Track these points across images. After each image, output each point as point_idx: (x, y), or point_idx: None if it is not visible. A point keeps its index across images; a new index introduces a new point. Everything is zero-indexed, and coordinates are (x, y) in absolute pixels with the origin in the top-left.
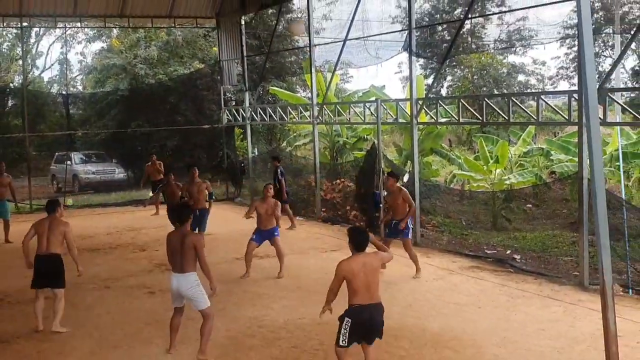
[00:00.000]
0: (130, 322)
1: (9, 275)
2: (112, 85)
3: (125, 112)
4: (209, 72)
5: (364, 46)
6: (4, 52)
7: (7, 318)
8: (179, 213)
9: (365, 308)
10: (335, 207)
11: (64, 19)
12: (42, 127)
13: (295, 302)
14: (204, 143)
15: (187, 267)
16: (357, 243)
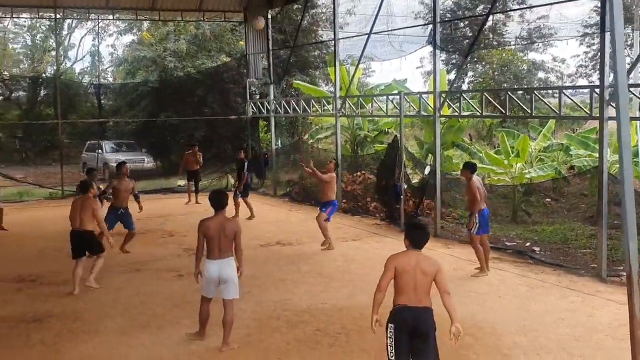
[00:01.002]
0: (158, 303)
1: (42, 258)
2: (142, 77)
3: (155, 103)
4: (235, 65)
5: (387, 40)
6: (37, 43)
7: (41, 298)
8: (220, 199)
9: (410, 310)
10: (356, 198)
11: (96, 11)
12: (74, 117)
13: (318, 288)
14: (230, 134)
15: (228, 253)
16: (415, 239)
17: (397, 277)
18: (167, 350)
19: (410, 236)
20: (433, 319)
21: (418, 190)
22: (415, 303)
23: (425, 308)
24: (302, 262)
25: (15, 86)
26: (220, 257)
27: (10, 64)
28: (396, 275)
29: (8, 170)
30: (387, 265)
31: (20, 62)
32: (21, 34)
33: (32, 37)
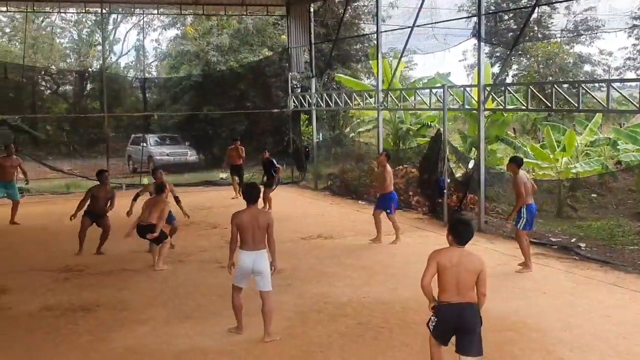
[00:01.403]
0: (202, 294)
1: (88, 248)
2: (185, 71)
3: (198, 97)
4: (277, 59)
5: (431, 33)
6: (83, 38)
7: (88, 288)
8: (252, 191)
9: (453, 307)
10: (398, 192)
11: (141, 5)
12: (119, 110)
13: (359, 282)
14: (271, 128)
15: (262, 245)
16: (459, 236)
17: (439, 274)
18: (210, 340)
19: (455, 232)
20: (478, 314)
21: (461, 184)
22: (458, 299)
23: (469, 304)
24: (344, 256)
25: (62, 80)
26: (255, 248)
27: (58, 58)
28: (439, 271)
29: (56, 163)
30: (429, 261)
31: (67, 57)
32: (68, 29)
33: (78, 32)
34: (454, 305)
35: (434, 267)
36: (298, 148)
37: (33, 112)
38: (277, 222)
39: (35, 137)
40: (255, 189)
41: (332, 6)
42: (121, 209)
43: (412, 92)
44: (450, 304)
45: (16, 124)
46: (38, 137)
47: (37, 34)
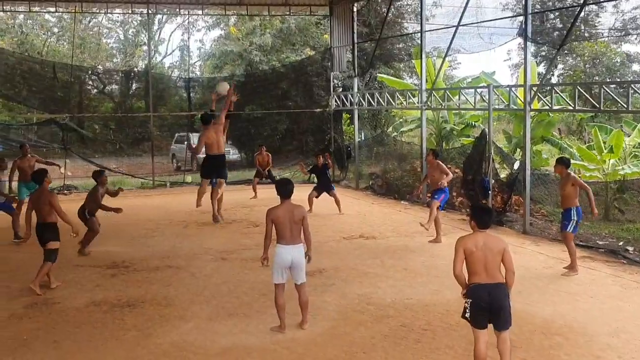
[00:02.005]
0: (245, 292)
1: (134, 245)
2: (228, 70)
3: (241, 96)
4: (319, 58)
5: (476, 32)
6: (129, 38)
7: (134, 284)
8: (287, 186)
9: (484, 287)
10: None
11: (186, 6)
12: (163, 109)
13: (402, 283)
14: (312, 127)
15: (299, 239)
16: (481, 221)
17: (467, 259)
18: (254, 338)
19: (476, 217)
20: (506, 292)
21: (506, 185)
22: (487, 280)
23: (498, 284)
24: (386, 256)
25: (108, 80)
26: (292, 242)
27: (104, 58)
28: (466, 256)
29: (102, 161)
30: (456, 249)
31: (113, 57)
32: (114, 29)
33: (124, 32)
34: (484, 286)
35: (462, 254)
36: (339, 147)
37: (80, 111)
38: (319, 221)
39: (83, 136)
40: (289, 184)
41: (375, 5)
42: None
43: (457, 91)
44: (480, 284)
45: (64, 123)
46: (85, 135)
47: (84, 34)
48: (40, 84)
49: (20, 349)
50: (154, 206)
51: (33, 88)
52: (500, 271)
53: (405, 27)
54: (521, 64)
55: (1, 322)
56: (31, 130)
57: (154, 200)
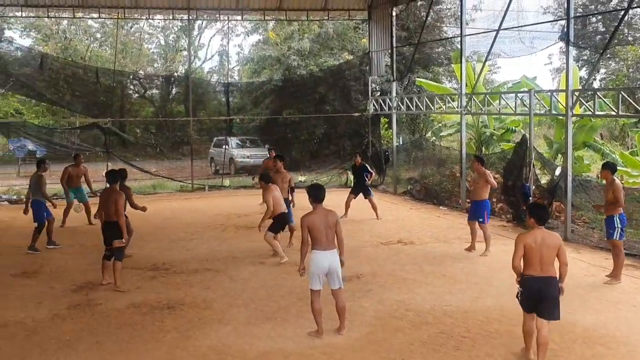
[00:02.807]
0: (283, 296)
1: (174, 248)
2: (267, 75)
3: (278, 100)
4: (357, 63)
5: (517, 36)
6: (170, 43)
7: (173, 286)
8: (320, 192)
9: (536, 280)
10: None
11: (226, 12)
12: (202, 114)
13: (441, 289)
14: (350, 131)
15: (334, 244)
16: (539, 217)
17: (525, 253)
18: (291, 342)
19: (535, 215)
20: (557, 285)
21: (547, 191)
22: (540, 273)
23: (550, 277)
24: (425, 262)
25: (149, 84)
26: (328, 248)
27: (145, 63)
28: (525, 251)
29: (143, 164)
30: (517, 244)
31: (154, 62)
32: (155, 35)
33: (165, 38)
34: (536, 279)
35: (522, 250)
36: (377, 151)
37: (122, 115)
38: (356, 226)
39: (124, 139)
40: (322, 189)
41: (414, 9)
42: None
43: (497, 96)
44: (534, 277)
45: (106, 127)
46: (127, 139)
47: (126, 39)
48: (84, 89)
49: (63, 349)
50: (193, 209)
51: (76, 92)
52: (553, 265)
53: (444, 31)
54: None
55: (45, 322)
56: (74, 133)
57: (192, 203)
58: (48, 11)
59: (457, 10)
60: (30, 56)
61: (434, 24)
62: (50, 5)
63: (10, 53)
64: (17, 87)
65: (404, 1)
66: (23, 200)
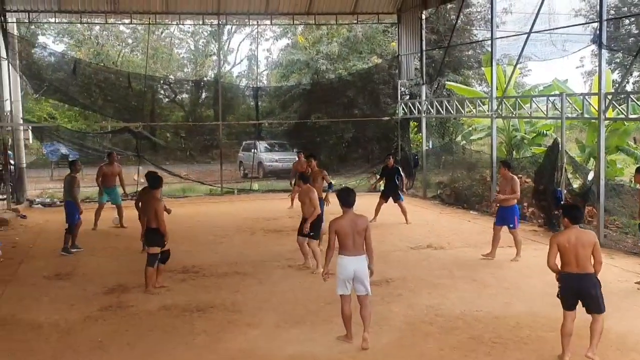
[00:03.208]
0: (311, 300)
1: (203, 251)
2: (295, 79)
3: (307, 104)
4: (386, 66)
5: (549, 39)
6: (199, 48)
7: (202, 289)
8: (350, 196)
9: (573, 276)
10: None
11: (255, 16)
12: (231, 118)
13: (472, 294)
14: (379, 135)
15: (362, 250)
16: (573, 217)
17: (561, 252)
18: (320, 347)
19: (569, 214)
20: (595, 280)
21: (579, 196)
22: (577, 270)
23: (587, 274)
24: (455, 267)
25: (179, 89)
26: (355, 253)
27: (176, 68)
28: (560, 250)
29: (173, 168)
30: (550, 244)
31: (184, 66)
32: (185, 40)
33: (195, 43)
34: (573, 276)
35: (555, 249)
36: (406, 155)
37: (152, 119)
38: (385, 230)
39: (155, 143)
40: (352, 193)
41: (444, 12)
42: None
43: (528, 99)
44: (571, 274)
45: (138, 131)
46: (157, 143)
47: (157, 44)
48: (115, 93)
49: (95, 350)
50: (222, 213)
51: (108, 97)
52: (590, 262)
53: (474, 34)
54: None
55: (78, 324)
56: (106, 137)
57: (221, 207)
58: (81, 17)
59: (487, 13)
60: (63, 61)
61: (464, 27)
62: (83, 11)
63: (44, 58)
64: (50, 91)
65: (433, 4)
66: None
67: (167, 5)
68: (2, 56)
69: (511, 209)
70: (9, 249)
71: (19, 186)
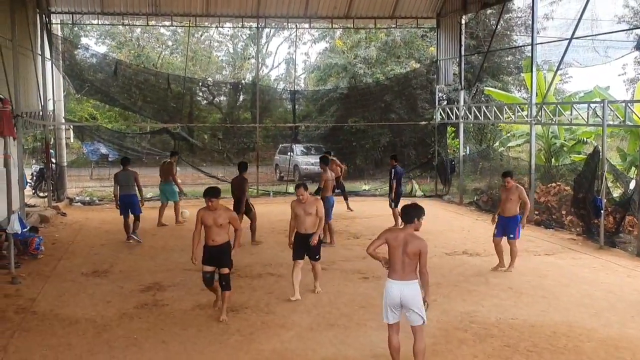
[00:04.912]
0: (345, 303)
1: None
2: (333, 83)
3: (344, 108)
4: (424, 71)
5: (591, 45)
6: (238, 51)
7: (237, 290)
8: (409, 212)
9: None
10: (550, 210)
11: (294, 20)
12: (268, 121)
13: (507, 302)
14: (415, 140)
15: (412, 275)
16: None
17: None
18: (353, 350)
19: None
20: None
21: (620, 205)
22: None
23: None
24: (491, 274)
25: (217, 91)
26: (403, 278)
27: (214, 70)
28: None
29: (210, 169)
30: None
31: (222, 69)
32: (224, 43)
33: (233, 46)
34: None
35: None
36: (443, 161)
37: (190, 121)
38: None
39: (193, 145)
40: (414, 210)
41: (484, 18)
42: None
43: (568, 106)
44: None
45: (176, 132)
46: (195, 144)
47: (196, 47)
48: (155, 95)
49: (131, 347)
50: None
51: (148, 98)
52: None
53: (514, 39)
54: (637, 78)
55: (114, 320)
56: (144, 138)
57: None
58: (123, 19)
59: (527, 19)
60: (104, 62)
61: (503, 32)
62: (125, 13)
63: (86, 59)
64: (91, 92)
65: (473, 9)
66: (95, 201)
67: (208, 7)
68: (47, 56)
69: (514, 219)
70: (49, 245)
71: (59, 184)
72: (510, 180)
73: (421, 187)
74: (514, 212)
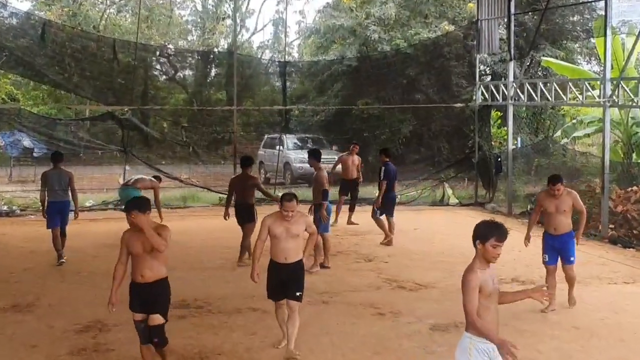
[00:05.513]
0: (353, 347)
1: (208, 279)
2: (337, 52)
3: (352, 86)
4: (460, 36)
5: None
6: (209, 9)
7: (208, 330)
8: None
9: None
10: (630, 223)
11: None
12: (249, 103)
13: (572, 346)
14: (449, 129)
15: None
16: None
17: None
18: None
19: None
20: None
21: None
22: None
23: None
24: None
25: (181, 63)
26: None
27: (177, 35)
28: None
29: (172, 168)
30: None
31: (188, 33)
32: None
33: (202, 2)
34: None
35: None
36: (485, 157)
37: (144, 103)
38: (454, 257)
39: (147, 135)
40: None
41: None
42: None
43: None
44: None
45: (124, 118)
46: (150, 135)
47: (152, 4)
48: (96, 68)
49: None
50: (235, 229)
51: (87, 72)
52: None
53: None
54: None
55: None
56: (83, 126)
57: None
58: None
59: None
60: (28, 24)
61: None
62: None
63: (3, 20)
64: (11, 64)
65: None
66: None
67: None
68: None
69: (570, 236)
70: None
71: None
72: (561, 186)
73: (455, 193)
74: (568, 227)
